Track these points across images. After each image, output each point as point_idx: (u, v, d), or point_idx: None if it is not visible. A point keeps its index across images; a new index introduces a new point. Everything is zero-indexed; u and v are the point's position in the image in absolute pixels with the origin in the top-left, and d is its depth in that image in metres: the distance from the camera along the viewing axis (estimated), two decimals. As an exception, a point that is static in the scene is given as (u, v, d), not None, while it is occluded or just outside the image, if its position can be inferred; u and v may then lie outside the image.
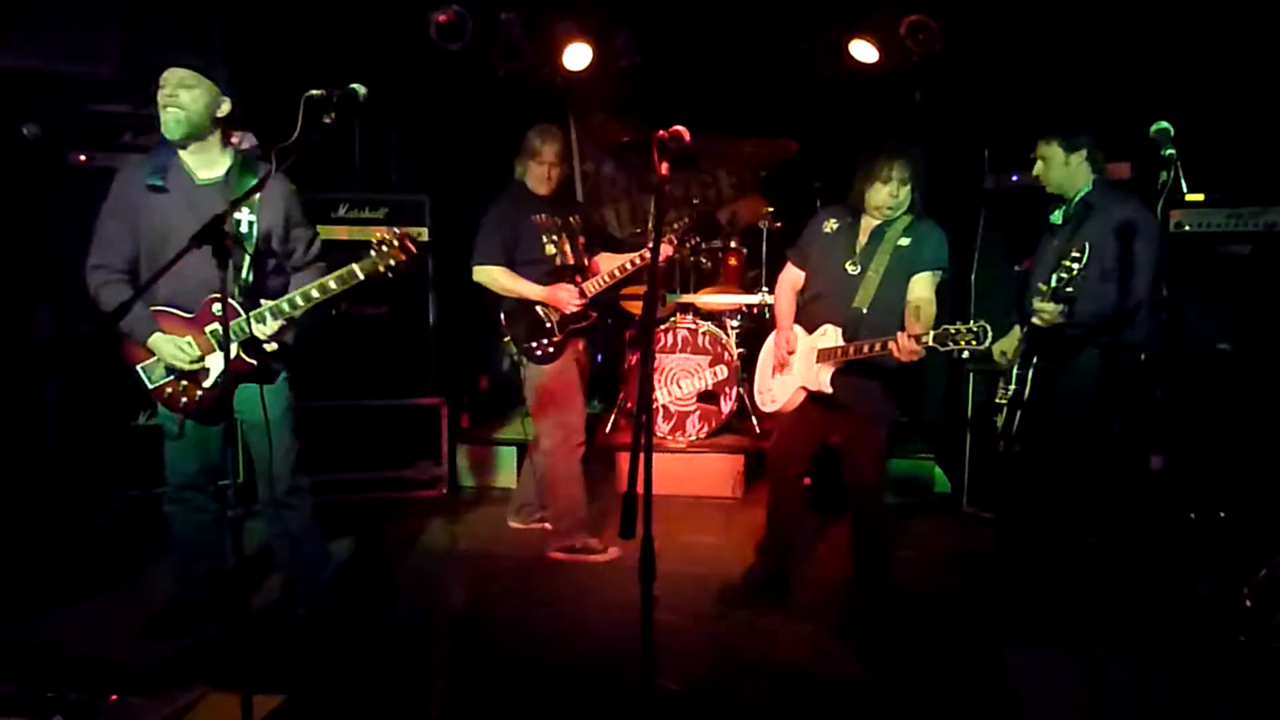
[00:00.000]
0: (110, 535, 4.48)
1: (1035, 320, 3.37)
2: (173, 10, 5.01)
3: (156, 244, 3.17)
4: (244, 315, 3.18)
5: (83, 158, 4.53)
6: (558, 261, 4.38)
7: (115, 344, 3.33)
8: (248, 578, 3.94)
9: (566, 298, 4.30)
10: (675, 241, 4.89)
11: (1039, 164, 3.64)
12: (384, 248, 3.18)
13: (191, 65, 3.11)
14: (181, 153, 3.23)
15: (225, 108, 3.20)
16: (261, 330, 3.19)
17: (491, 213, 4.37)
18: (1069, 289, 3.25)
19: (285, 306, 3.20)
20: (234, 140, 3.34)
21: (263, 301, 3.24)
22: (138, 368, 3.28)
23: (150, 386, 3.28)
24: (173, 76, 3.10)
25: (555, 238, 4.39)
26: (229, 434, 2.59)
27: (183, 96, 3.10)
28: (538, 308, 4.32)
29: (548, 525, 4.63)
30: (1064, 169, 3.58)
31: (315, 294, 3.20)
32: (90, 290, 3.24)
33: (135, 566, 4.08)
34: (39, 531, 4.35)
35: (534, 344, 4.33)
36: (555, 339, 4.34)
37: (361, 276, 3.20)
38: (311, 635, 3.50)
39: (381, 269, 3.18)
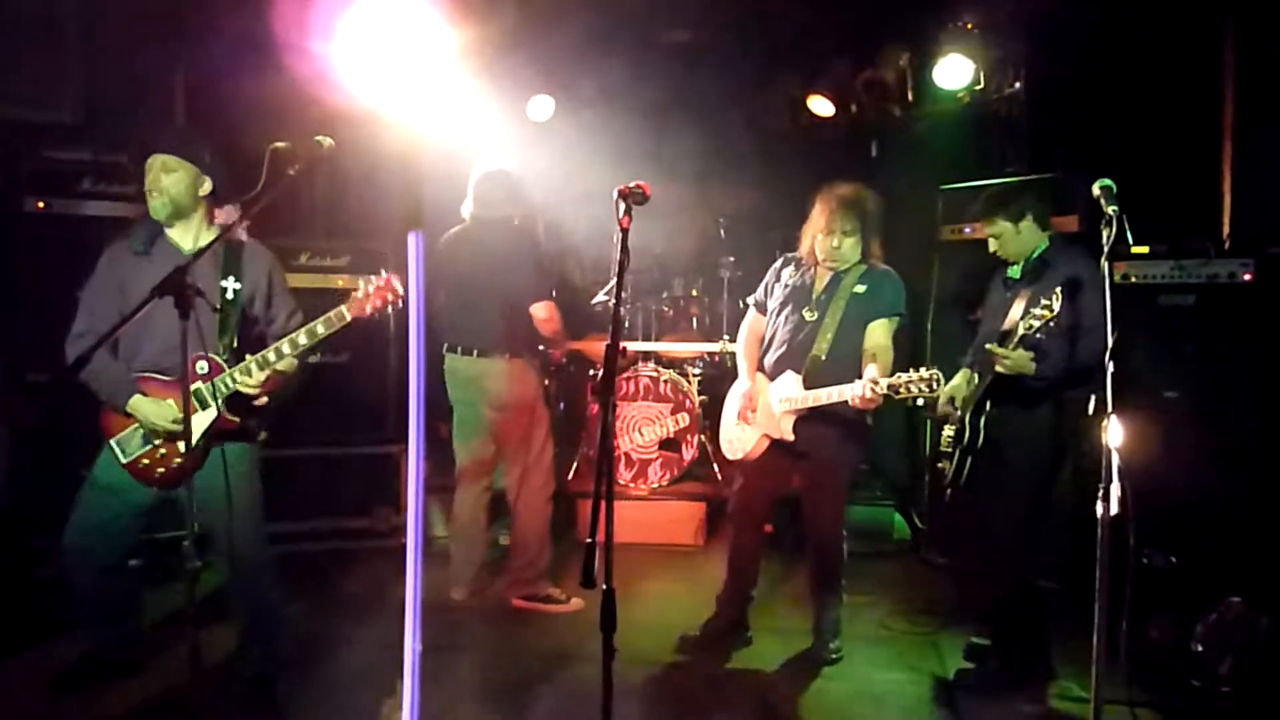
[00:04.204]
0: (54, 587, 4.35)
1: (999, 367, 3.40)
2: (134, 58, 5.02)
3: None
4: (228, 370, 3.16)
5: (40, 204, 4.48)
6: None
7: (69, 395, 3.29)
8: (200, 633, 3.85)
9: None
10: None
11: (993, 241, 3.66)
12: (370, 289, 3.19)
13: (172, 148, 3.19)
14: (167, 230, 3.28)
15: (207, 186, 3.26)
16: (247, 383, 3.16)
17: (540, 252, 4.60)
18: (1039, 335, 3.29)
19: (271, 356, 3.17)
20: (218, 218, 3.40)
21: (247, 356, 3.21)
22: (111, 442, 3.23)
23: (124, 461, 3.23)
24: (155, 162, 3.17)
25: None
26: (191, 484, 2.58)
27: (164, 181, 3.17)
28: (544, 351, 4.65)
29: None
30: (1017, 239, 3.61)
31: (303, 339, 3.18)
32: (71, 358, 3.21)
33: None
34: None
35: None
36: (547, 383, 4.48)
37: (349, 318, 3.18)
38: (265, 689, 3.43)
39: (368, 311, 3.18)
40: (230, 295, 3.25)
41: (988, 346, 3.42)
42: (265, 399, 3.25)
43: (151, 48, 5.05)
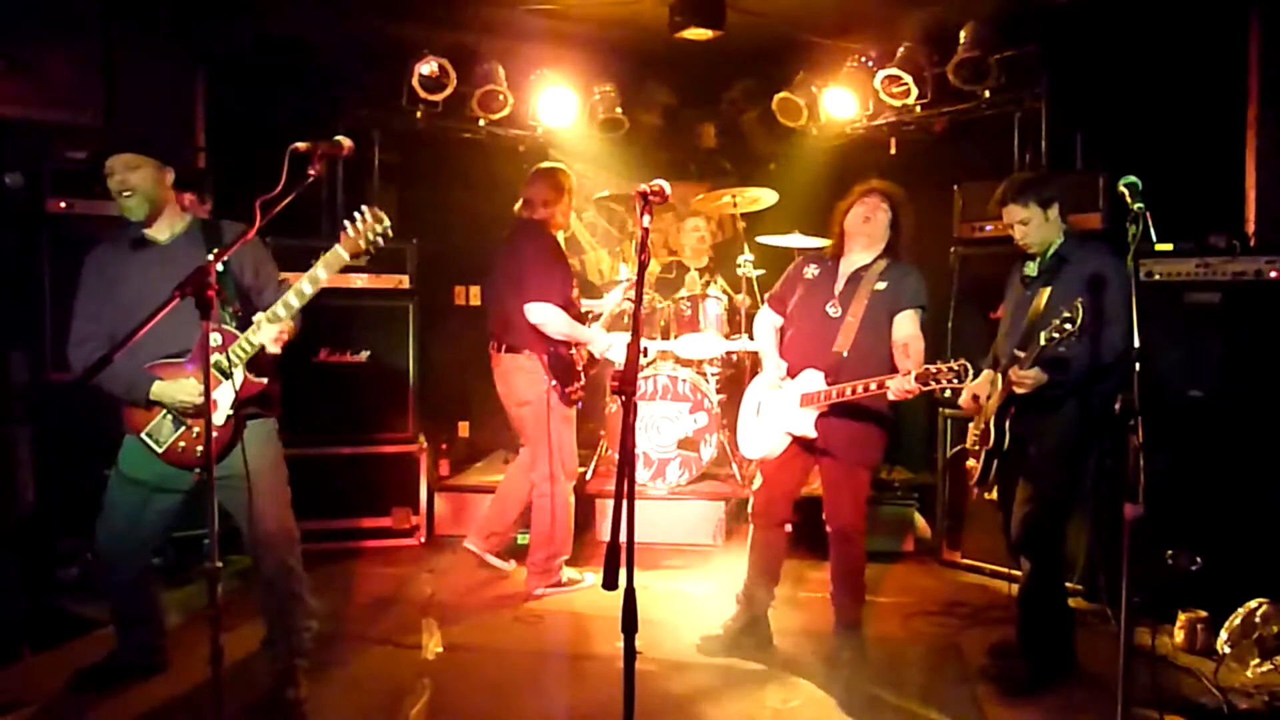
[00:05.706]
0: (81, 587, 4.39)
1: (1018, 390, 3.39)
2: (155, 58, 5.06)
3: (134, 309, 3.10)
4: (241, 336, 3.15)
5: (62, 204, 4.52)
6: (580, 306, 4.66)
7: (94, 394, 3.29)
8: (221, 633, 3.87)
9: (604, 344, 4.55)
10: None
11: (1019, 228, 3.61)
12: (359, 224, 3.12)
13: (130, 146, 3.20)
14: (145, 230, 3.30)
15: (170, 176, 3.30)
16: (263, 338, 3.13)
17: (546, 252, 4.44)
18: (1061, 348, 3.25)
19: (280, 310, 3.14)
20: (185, 203, 3.45)
21: (254, 318, 3.18)
22: (142, 436, 3.24)
23: (160, 451, 3.24)
24: (117, 163, 3.17)
25: (574, 280, 4.61)
26: (211, 483, 2.58)
27: (133, 179, 3.17)
28: (572, 351, 4.50)
29: (498, 565, 4.77)
30: (1044, 226, 3.59)
31: (307, 288, 3.13)
32: (76, 367, 3.24)
33: (105, 619, 4.00)
34: (9, 581, 4.26)
35: (569, 388, 4.50)
36: (583, 383, 4.58)
37: (346, 257, 3.11)
38: (287, 686, 3.43)
39: (362, 245, 3.11)
40: (220, 268, 3.15)
41: (1010, 373, 3.39)
42: (278, 349, 3.21)
43: (172, 49, 5.09)
